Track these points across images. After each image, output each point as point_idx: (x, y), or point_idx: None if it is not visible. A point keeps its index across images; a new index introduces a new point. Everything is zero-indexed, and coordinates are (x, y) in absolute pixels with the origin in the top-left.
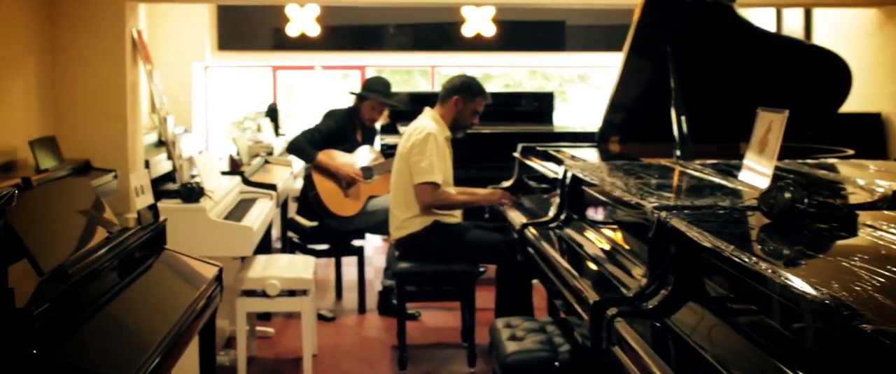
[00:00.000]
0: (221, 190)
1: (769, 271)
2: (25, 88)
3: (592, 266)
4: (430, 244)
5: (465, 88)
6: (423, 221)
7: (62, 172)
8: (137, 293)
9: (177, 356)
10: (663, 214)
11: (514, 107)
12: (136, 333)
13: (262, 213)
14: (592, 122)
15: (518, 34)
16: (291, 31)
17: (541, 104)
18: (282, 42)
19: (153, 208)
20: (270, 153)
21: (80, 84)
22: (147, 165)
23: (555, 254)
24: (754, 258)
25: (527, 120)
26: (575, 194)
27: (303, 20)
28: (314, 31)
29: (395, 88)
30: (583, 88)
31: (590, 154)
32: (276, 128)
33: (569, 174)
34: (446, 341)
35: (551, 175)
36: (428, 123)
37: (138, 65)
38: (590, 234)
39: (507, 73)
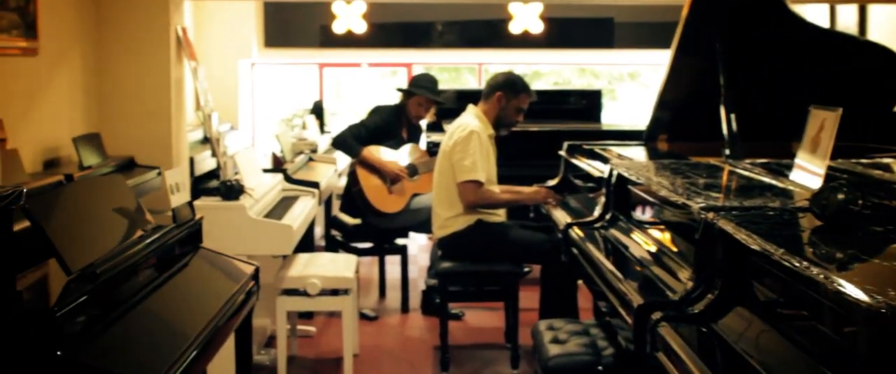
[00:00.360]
0: (262, 188)
1: (821, 276)
2: (70, 85)
3: (637, 268)
4: (473, 244)
5: (509, 85)
6: (466, 220)
7: (106, 169)
8: (171, 292)
9: (209, 357)
10: (710, 215)
11: (561, 105)
12: (167, 333)
13: (304, 211)
14: (642, 120)
15: (566, 31)
16: (338, 28)
17: (588, 102)
18: (328, 39)
19: (190, 206)
20: (314, 151)
21: (124, 81)
22: (191, 162)
23: (599, 255)
24: (805, 263)
25: (574, 118)
26: (621, 194)
27: (349, 17)
28: (360, 28)
29: (442, 86)
30: (633, 86)
31: (637, 153)
32: (322, 125)
33: (614, 173)
34: (490, 341)
35: (597, 174)
36: (471, 120)
37: (183, 62)
38: (635, 234)
39: (556, 70)
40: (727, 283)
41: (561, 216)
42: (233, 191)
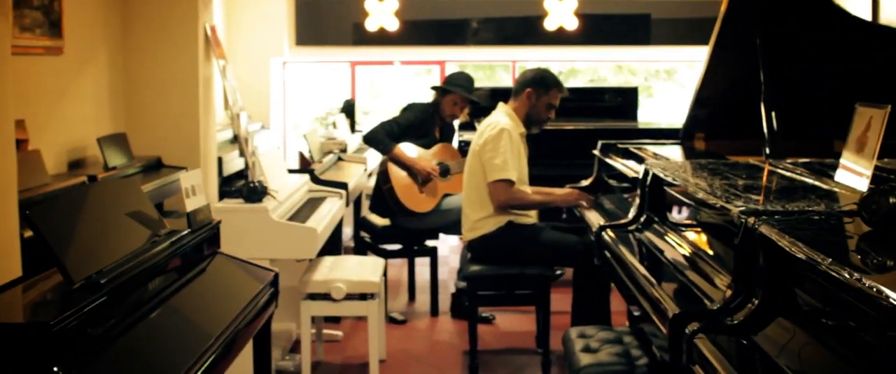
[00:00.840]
0: (287, 189)
1: (873, 289)
2: (96, 85)
3: (673, 274)
4: (503, 246)
5: (539, 81)
6: (496, 221)
7: (131, 170)
8: (184, 301)
9: (224, 367)
10: (751, 219)
11: (596, 102)
12: (178, 344)
13: (330, 212)
14: (679, 118)
15: (601, 28)
16: (370, 25)
17: (624, 100)
18: (361, 37)
19: (206, 210)
20: (344, 150)
21: (151, 80)
22: (220, 162)
23: (632, 259)
24: (855, 274)
25: (610, 116)
26: (656, 195)
27: (382, 14)
28: (393, 25)
29: (476, 84)
30: (669, 84)
31: (673, 152)
32: (352, 124)
33: (650, 174)
34: (520, 346)
35: (631, 174)
36: (502, 118)
37: (212, 60)
38: (671, 238)
39: (592, 68)
40: (768, 292)
41: (594, 218)
42: (256, 193)
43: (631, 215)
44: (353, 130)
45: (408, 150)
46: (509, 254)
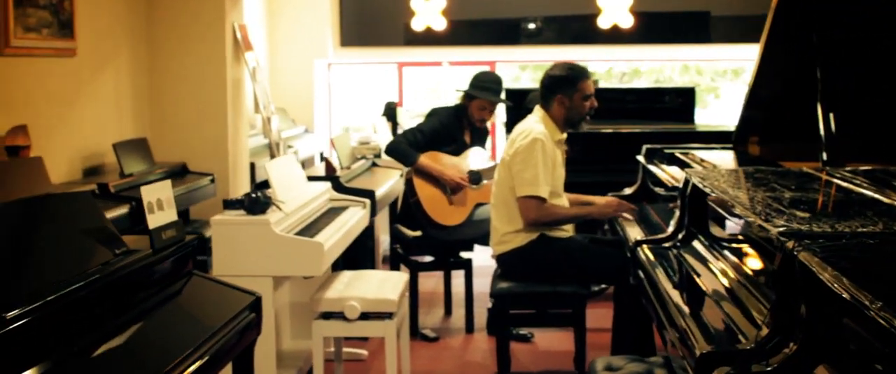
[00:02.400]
0: (301, 199)
1: None
2: (117, 88)
3: (707, 301)
4: (534, 261)
5: (563, 82)
6: (527, 235)
7: (152, 177)
8: (138, 330)
9: None
10: (790, 243)
11: (653, 104)
12: None
13: (346, 225)
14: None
15: (658, 25)
16: (416, 25)
17: (682, 101)
18: (408, 37)
19: (176, 226)
20: (378, 155)
21: (177, 82)
22: (252, 168)
23: (664, 281)
24: None
25: (666, 118)
26: (697, 207)
27: (428, 14)
28: (440, 25)
29: (526, 85)
30: (737, 84)
31: (724, 158)
32: (394, 128)
33: (690, 183)
34: (558, 368)
35: (673, 183)
36: (535, 125)
37: (241, 61)
38: (710, 258)
39: (656, 68)
40: (810, 334)
41: (633, 232)
42: (258, 204)
43: (670, 229)
44: (394, 134)
45: (435, 159)
46: (541, 270)
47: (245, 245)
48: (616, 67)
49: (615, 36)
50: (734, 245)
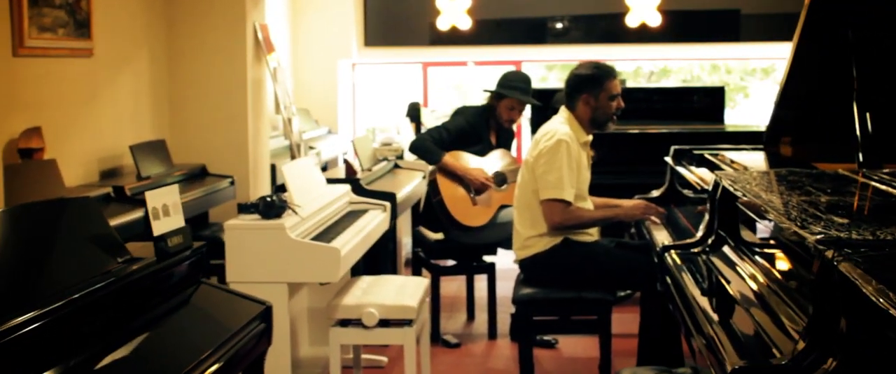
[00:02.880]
0: (318, 202)
1: None
2: (136, 88)
3: (737, 310)
4: (558, 266)
5: (589, 82)
6: (550, 239)
7: (170, 180)
8: (144, 340)
9: None
10: (830, 252)
11: (681, 104)
12: None
13: (364, 229)
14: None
15: (687, 24)
16: (442, 24)
17: (711, 101)
18: (433, 37)
19: (183, 233)
20: (401, 157)
21: (197, 84)
22: (273, 169)
23: (693, 288)
24: None
25: (695, 118)
26: (727, 211)
27: (453, 12)
28: (465, 24)
29: (553, 85)
30: (767, 83)
31: (755, 159)
32: (418, 129)
33: (719, 185)
34: None
35: (702, 185)
36: (560, 126)
37: (262, 62)
38: (741, 265)
39: (685, 67)
40: (850, 351)
41: (660, 236)
42: (273, 208)
43: (699, 233)
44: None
45: (460, 158)
46: (565, 275)
47: (259, 251)
48: (644, 67)
49: (643, 35)
50: (767, 251)
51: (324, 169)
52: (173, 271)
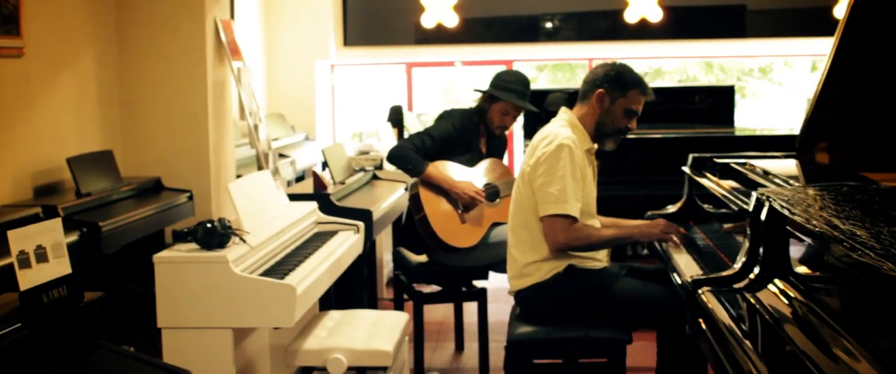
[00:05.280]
0: (273, 227)
1: None
2: (79, 92)
3: (802, 366)
4: (562, 298)
5: (613, 79)
6: (552, 266)
7: (114, 197)
8: None
9: None
10: None
11: (685, 105)
12: None
13: (332, 255)
14: (777, 121)
15: (690, 20)
16: (426, 21)
17: (719, 101)
18: (417, 35)
19: (69, 283)
20: (379, 167)
21: (150, 85)
22: None
23: (743, 341)
24: None
25: (701, 121)
26: (776, 239)
27: (438, 9)
28: (452, 21)
29: (543, 86)
30: (763, 83)
31: (787, 167)
32: (401, 135)
33: (763, 205)
34: None
35: (737, 205)
36: (561, 130)
37: (225, 62)
38: (802, 308)
39: (679, 67)
40: None
41: (685, 264)
42: (214, 236)
43: (737, 263)
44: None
45: (446, 169)
46: (571, 309)
47: (197, 289)
48: (636, 66)
49: (642, 31)
50: (834, 293)
51: (299, 179)
52: (49, 336)
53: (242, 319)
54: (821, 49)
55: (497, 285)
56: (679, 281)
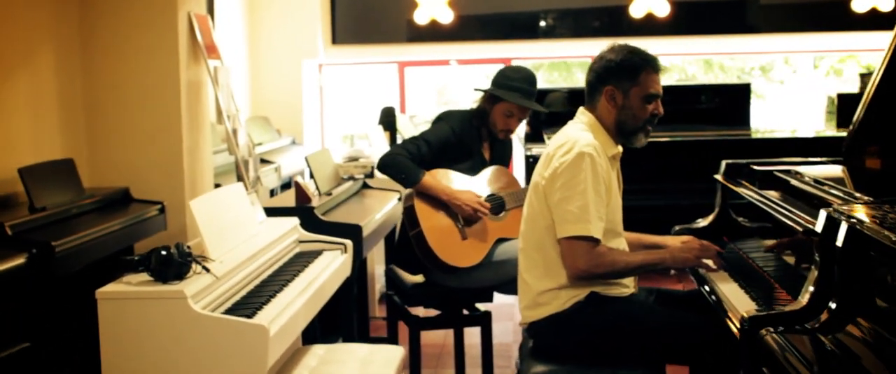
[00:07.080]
0: (244, 251)
1: None
2: (37, 95)
3: None
4: (583, 331)
5: (619, 69)
6: (571, 294)
7: (74, 211)
8: None
9: None
10: None
11: (695, 105)
12: None
13: (315, 281)
14: (777, 122)
15: (697, 14)
16: (419, 18)
17: (732, 101)
18: (410, 33)
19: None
20: (370, 175)
21: (117, 87)
22: None
23: None
24: None
25: (714, 122)
26: (857, 267)
27: (433, 5)
28: (447, 17)
29: (545, 85)
30: (764, 81)
31: (833, 172)
32: (393, 139)
33: (839, 225)
34: None
35: (799, 221)
36: (581, 135)
37: (200, 61)
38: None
39: (677, 65)
40: None
41: (732, 295)
42: (170, 265)
43: (804, 298)
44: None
45: (444, 178)
46: (594, 344)
47: (149, 331)
48: None
49: (648, 27)
50: None
51: (286, 186)
52: None
53: (203, 367)
54: (836, 44)
55: (499, 301)
56: (730, 318)
